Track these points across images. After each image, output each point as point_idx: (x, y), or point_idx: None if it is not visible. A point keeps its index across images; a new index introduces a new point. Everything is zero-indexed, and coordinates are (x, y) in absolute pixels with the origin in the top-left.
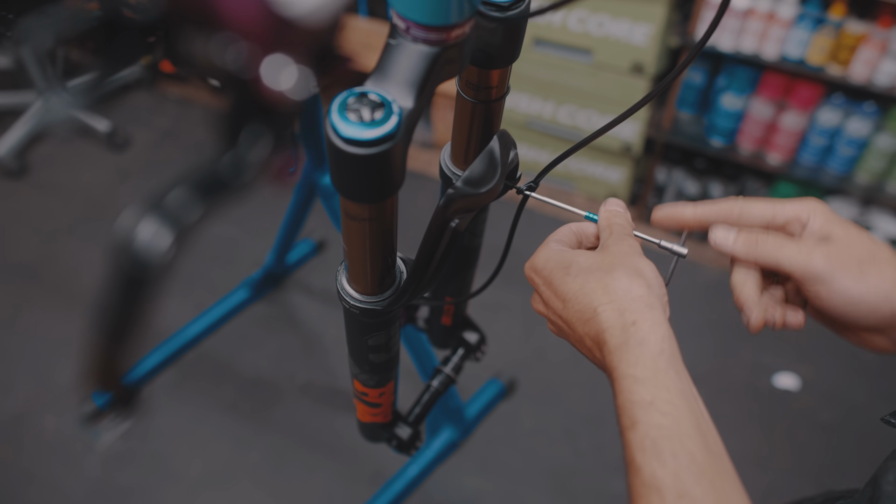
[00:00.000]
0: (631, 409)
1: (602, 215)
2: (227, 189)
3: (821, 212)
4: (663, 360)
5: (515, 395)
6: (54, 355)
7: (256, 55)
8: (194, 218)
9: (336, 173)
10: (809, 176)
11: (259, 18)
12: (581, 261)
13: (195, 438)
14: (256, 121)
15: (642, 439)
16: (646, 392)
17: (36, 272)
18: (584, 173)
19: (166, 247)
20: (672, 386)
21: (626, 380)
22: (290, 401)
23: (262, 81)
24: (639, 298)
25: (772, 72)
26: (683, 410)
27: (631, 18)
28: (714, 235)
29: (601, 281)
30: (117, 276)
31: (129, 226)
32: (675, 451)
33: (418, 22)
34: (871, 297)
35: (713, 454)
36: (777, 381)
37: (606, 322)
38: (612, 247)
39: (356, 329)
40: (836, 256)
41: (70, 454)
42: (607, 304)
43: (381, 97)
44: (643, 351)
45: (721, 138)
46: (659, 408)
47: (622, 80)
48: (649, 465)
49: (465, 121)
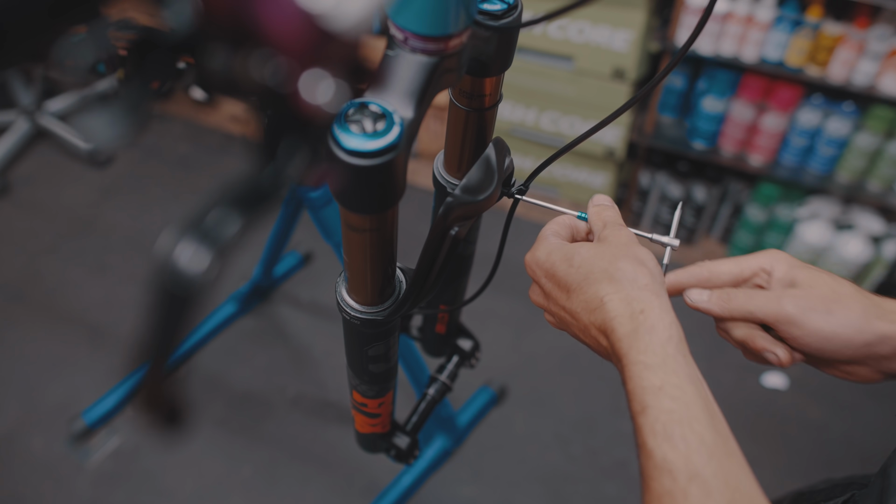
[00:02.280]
0: (642, 394)
1: (591, 211)
2: (267, 202)
3: (783, 259)
4: (672, 346)
5: (506, 402)
6: (40, 375)
7: (295, 69)
8: (235, 233)
9: (338, 185)
10: (791, 176)
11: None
12: (583, 252)
13: (186, 455)
14: (294, 134)
15: (653, 423)
16: (655, 378)
17: (20, 291)
18: (568, 179)
19: (208, 265)
20: (681, 371)
21: (637, 366)
22: (281, 414)
23: (299, 96)
24: (645, 287)
25: (751, 74)
26: (692, 394)
27: (611, 25)
28: (689, 297)
29: (606, 271)
30: (161, 298)
31: (171, 244)
32: (685, 434)
33: (416, 33)
34: (842, 331)
35: (721, 436)
36: (765, 380)
37: (614, 311)
38: (611, 237)
39: (356, 340)
40: (803, 299)
41: (59, 474)
42: (614, 293)
43: (383, 108)
44: (652, 338)
45: (703, 141)
46: (668, 392)
47: (604, 85)
48: (661, 448)
49: (458, 129)
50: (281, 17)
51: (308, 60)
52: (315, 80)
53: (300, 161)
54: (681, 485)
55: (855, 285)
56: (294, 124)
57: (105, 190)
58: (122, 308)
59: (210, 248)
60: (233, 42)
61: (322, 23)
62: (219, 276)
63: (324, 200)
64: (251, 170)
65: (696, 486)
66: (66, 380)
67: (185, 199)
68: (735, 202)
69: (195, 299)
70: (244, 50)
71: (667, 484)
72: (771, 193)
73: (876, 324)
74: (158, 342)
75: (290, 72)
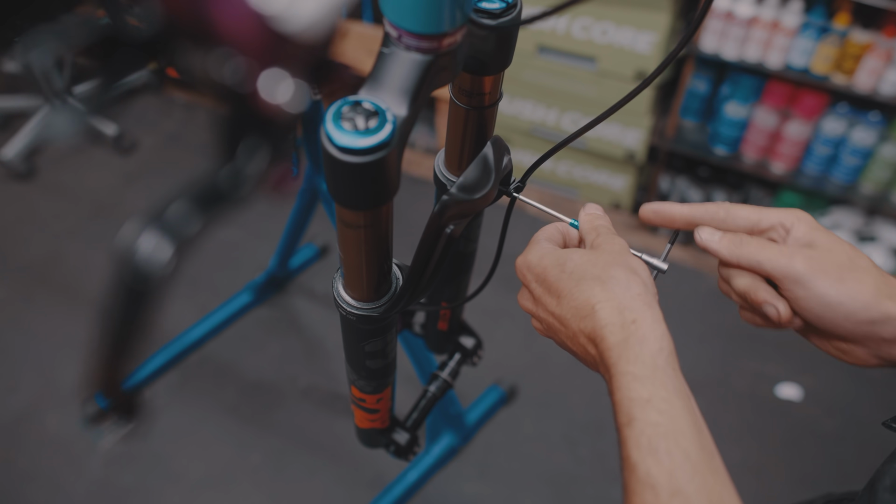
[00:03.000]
0: (629, 406)
1: (583, 219)
2: (226, 202)
3: (805, 220)
4: (662, 359)
5: (516, 401)
6: (59, 355)
7: (253, 69)
8: (194, 230)
9: (331, 181)
10: (813, 185)
11: (255, 34)
12: (576, 258)
13: (196, 440)
14: (254, 134)
15: (639, 437)
16: (644, 390)
17: (42, 273)
18: (588, 180)
19: (166, 259)
20: (669, 384)
21: (625, 377)
22: (292, 404)
23: (259, 95)
24: (637, 297)
25: (776, 80)
26: (680, 409)
27: (635, 26)
28: (700, 235)
29: (598, 278)
30: (119, 287)
31: (131, 238)
32: (671, 449)
33: (410, 30)
34: (848, 302)
35: (706, 452)
36: (779, 390)
37: (605, 319)
38: (605, 245)
39: (353, 335)
40: (816, 261)
41: (72, 454)
42: (606, 301)
43: (375, 105)
44: (643, 349)
45: (725, 147)
46: (656, 406)
47: (626, 87)
48: (644, 462)
49: (458, 127)
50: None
51: (265, 61)
52: (274, 80)
53: (260, 161)
54: (663, 500)
55: (873, 262)
56: (254, 124)
57: (128, 175)
58: None
59: (169, 244)
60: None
61: (275, 24)
62: (176, 271)
63: None
64: (212, 168)
65: (678, 502)
66: (81, 361)
67: None
68: None
69: (152, 293)
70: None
71: (649, 499)
72: (792, 202)
73: (886, 303)
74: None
75: (249, 71)
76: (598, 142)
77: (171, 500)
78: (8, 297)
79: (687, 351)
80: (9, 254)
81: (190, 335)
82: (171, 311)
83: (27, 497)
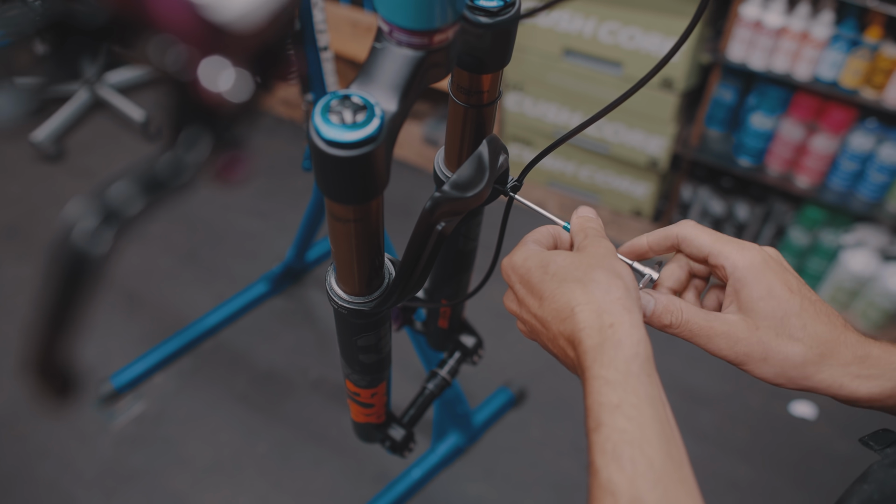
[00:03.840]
0: (598, 410)
1: (574, 221)
2: (164, 189)
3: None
4: (636, 364)
5: (525, 404)
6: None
7: (193, 57)
8: (133, 213)
9: (319, 174)
10: (838, 201)
11: (189, 23)
12: (559, 260)
13: (206, 426)
14: (196, 123)
15: (604, 442)
16: (614, 395)
17: None
18: (610, 186)
19: (104, 239)
20: (641, 391)
21: (598, 381)
22: (302, 395)
23: (200, 84)
24: (617, 300)
25: (803, 93)
26: (649, 416)
27: (663, 33)
28: None
29: (580, 281)
30: (56, 265)
31: (71, 216)
32: (634, 456)
33: (401, 26)
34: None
35: (673, 462)
36: (793, 408)
37: (583, 322)
38: (590, 248)
39: (346, 329)
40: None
41: (85, 433)
42: (585, 304)
43: (364, 100)
44: (618, 353)
45: (749, 158)
46: (625, 412)
47: (651, 94)
48: (607, 468)
49: (457, 125)
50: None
51: (203, 49)
52: (215, 68)
53: (202, 150)
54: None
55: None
56: (197, 112)
57: None
58: (160, 278)
59: (107, 225)
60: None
61: (206, 13)
62: (113, 252)
63: None
64: (154, 155)
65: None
66: (99, 342)
67: None
68: (778, 223)
69: (89, 272)
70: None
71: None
72: (816, 217)
73: (809, 369)
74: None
75: (188, 59)
76: (621, 147)
77: (179, 483)
78: (31, 276)
79: (700, 364)
80: (34, 233)
81: (205, 322)
82: (187, 297)
83: (38, 473)
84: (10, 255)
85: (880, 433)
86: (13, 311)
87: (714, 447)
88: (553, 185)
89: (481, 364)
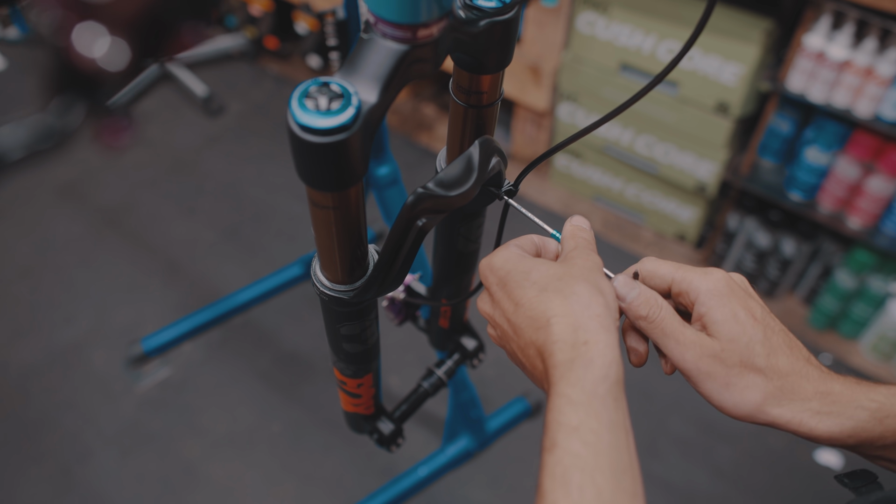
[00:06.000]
0: (555, 430)
1: (567, 228)
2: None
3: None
4: (604, 387)
5: (540, 417)
6: (115, 297)
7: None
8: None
9: (295, 158)
10: (890, 246)
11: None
12: (542, 269)
13: (225, 398)
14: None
15: (555, 465)
16: (574, 416)
17: (115, 217)
18: (656, 207)
19: None
20: (604, 415)
21: (561, 399)
22: (321, 380)
23: (73, 48)
24: (596, 317)
25: (863, 131)
26: (607, 443)
27: (723, 56)
28: (617, 283)
29: (560, 292)
30: None
31: None
32: (584, 484)
33: (385, 18)
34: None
35: (625, 494)
36: (819, 456)
37: (558, 335)
38: (577, 259)
39: (329, 316)
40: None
41: (111, 391)
42: (562, 316)
43: (343, 88)
44: (586, 373)
45: (800, 193)
46: (582, 435)
47: (705, 117)
48: (554, 492)
49: (457, 125)
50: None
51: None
52: (91, 35)
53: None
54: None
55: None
56: (72, 78)
57: (211, 138)
58: (202, 250)
59: None
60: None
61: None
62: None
63: (388, 180)
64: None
65: None
66: (135, 305)
67: (279, 158)
68: (825, 263)
69: None
70: None
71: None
72: (865, 261)
73: (772, 411)
74: None
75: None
76: (670, 169)
77: (191, 451)
78: (81, 235)
79: None
80: (90, 194)
81: (238, 297)
82: (225, 271)
83: (62, 424)
84: (64, 214)
85: (858, 472)
86: (61, 268)
87: (729, 485)
88: (598, 200)
89: (501, 371)
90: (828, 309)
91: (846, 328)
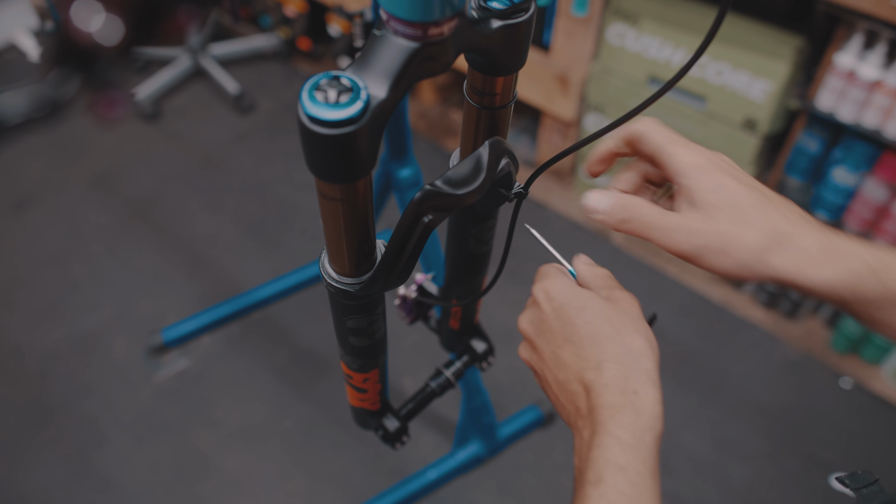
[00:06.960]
0: (602, 466)
1: (582, 269)
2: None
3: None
4: (651, 436)
5: (552, 427)
6: (139, 287)
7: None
8: None
9: (304, 149)
10: None
11: None
12: (596, 307)
13: (241, 392)
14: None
15: (600, 498)
16: (623, 457)
17: (143, 209)
18: None
19: None
20: (650, 462)
21: (611, 438)
22: (335, 378)
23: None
24: (646, 372)
25: (892, 152)
26: (649, 488)
27: (752, 72)
28: (587, 200)
29: (612, 339)
30: None
31: None
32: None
33: (396, 16)
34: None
35: None
36: (834, 481)
37: (608, 378)
38: (621, 302)
39: (336, 309)
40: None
41: (129, 379)
42: (614, 362)
43: (353, 82)
44: (637, 420)
45: (827, 213)
46: (628, 476)
47: (732, 133)
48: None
49: (471, 126)
50: None
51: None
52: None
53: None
54: None
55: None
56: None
57: (240, 134)
58: (225, 245)
59: None
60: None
61: None
62: None
63: (410, 182)
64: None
65: None
66: (158, 296)
67: None
68: None
69: None
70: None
71: None
72: None
73: (772, 259)
74: None
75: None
76: None
77: (205, 442)
78: (109, 224)
79: (741, 417)
80: (120, 185)
81: (258, 293)
82: (247, 266)
83: (80, 408)
84: (93, 204)
85: (858, 474)
86: (87, 256)
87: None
88: None
89: (515, 379)
90: (850, 333)
91: (868, 353)
